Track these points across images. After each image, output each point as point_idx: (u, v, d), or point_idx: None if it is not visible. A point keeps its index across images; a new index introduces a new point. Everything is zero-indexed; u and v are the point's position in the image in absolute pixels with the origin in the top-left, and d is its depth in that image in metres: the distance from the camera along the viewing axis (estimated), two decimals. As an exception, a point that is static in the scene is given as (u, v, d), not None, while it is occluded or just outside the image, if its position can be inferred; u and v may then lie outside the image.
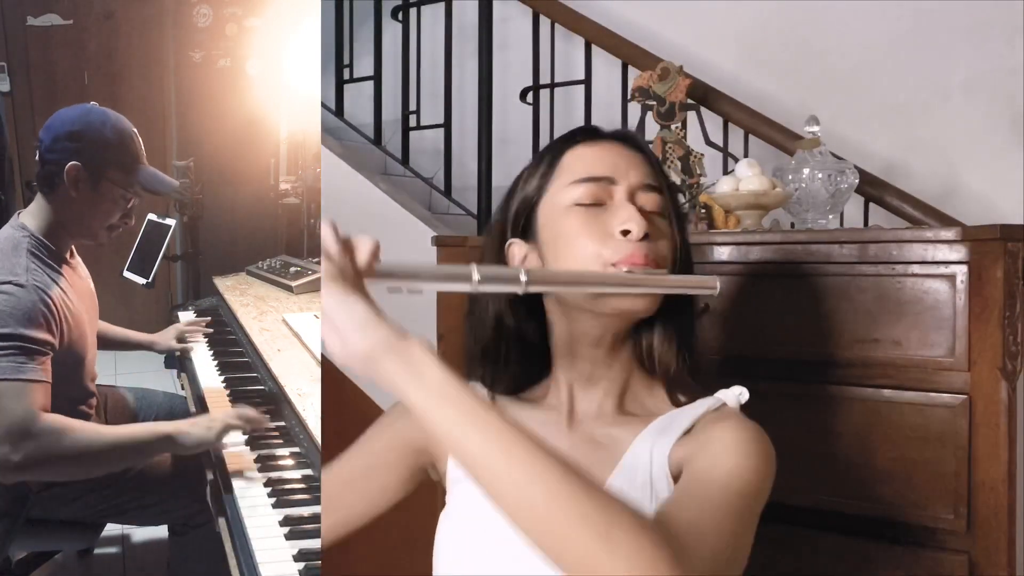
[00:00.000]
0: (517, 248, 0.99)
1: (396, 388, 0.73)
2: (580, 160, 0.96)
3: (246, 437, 1.57)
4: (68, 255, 1.69)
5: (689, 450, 0.90)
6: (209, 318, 2.30)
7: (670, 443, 0.91)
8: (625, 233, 0.92)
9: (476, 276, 0.80)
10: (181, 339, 2.13)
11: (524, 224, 0.98)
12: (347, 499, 1.03)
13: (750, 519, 0.84)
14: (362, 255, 0.78)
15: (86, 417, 1.71)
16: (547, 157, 0.99)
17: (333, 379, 1.83)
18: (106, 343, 1.98)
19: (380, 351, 0.73)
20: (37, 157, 1.65)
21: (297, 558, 1.17)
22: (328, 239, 0.77)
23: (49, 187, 1.63)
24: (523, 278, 0.82)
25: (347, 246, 0.78)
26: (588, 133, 1.00)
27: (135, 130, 1.71)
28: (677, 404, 0.97)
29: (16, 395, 1.43)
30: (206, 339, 2.16)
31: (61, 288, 1.59)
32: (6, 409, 1.43)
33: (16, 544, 1.72)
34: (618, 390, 0.98)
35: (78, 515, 1.75)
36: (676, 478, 0.90)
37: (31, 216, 1.65)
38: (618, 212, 0.93)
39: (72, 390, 1.65)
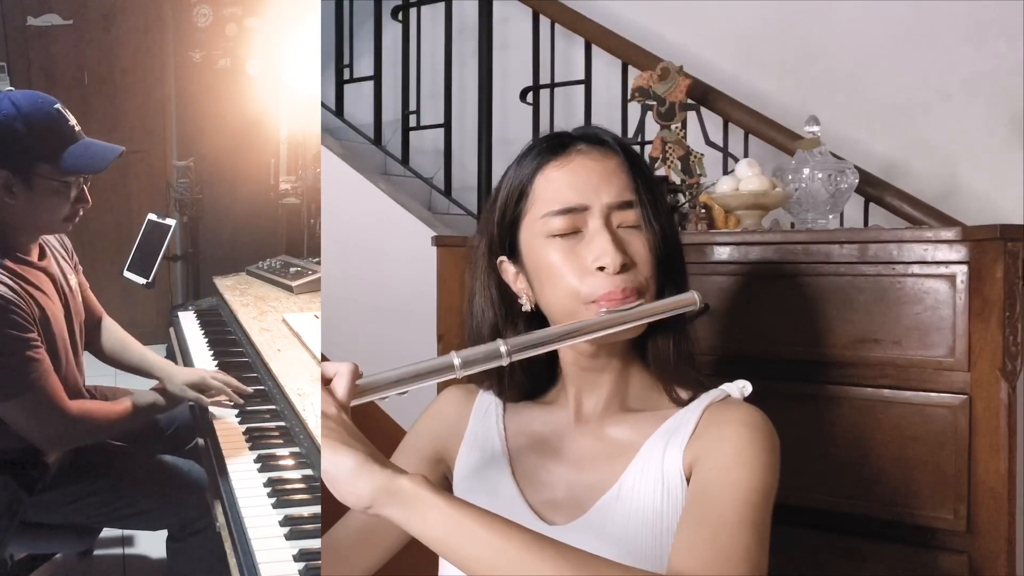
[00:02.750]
0: (508, 266, 1.00)
1: (402, 527, 0.78)
2: (551, 186, 0.95)
3: (244, 430, 1.58)
4: (27, 254, 1.56)
5: (697, 450, 0.92)
6: (248, 389, 1.76)
7: (681, 445, 0.93)
8: (602, 268, 0.92)
9: (457, 362, 0.84)
10: (203, 388, 1.68)
11: (509, 243, 0.99)
12: (385, 529, 1.03)
13: (764, 520, 0.86)
14: (340, 391, 0.81)
15: None
16: (518, 182, 0.98)
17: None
18: (118, 363, 1.84)
19: (378, 502, 0.77)
20: None
21: (297, 558, 1.17)
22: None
23: None
24: (503, 349, 0.86)
25: (325, 382, 0.82)
26: (555, 146, 0.97)
27: (56, 107, 1.51)
28: (677, 399, 0.98)
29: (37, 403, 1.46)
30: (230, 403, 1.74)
31: (17, 286, 1.48)
32: (39, 416, 1.48)
33: (12, 546, 1.72)
34: (621, 388, 1.00)
35: (73, 519, 1.72)
36: (689, 476, 0.91)
37: None
38: (592, 244, 0.93)
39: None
